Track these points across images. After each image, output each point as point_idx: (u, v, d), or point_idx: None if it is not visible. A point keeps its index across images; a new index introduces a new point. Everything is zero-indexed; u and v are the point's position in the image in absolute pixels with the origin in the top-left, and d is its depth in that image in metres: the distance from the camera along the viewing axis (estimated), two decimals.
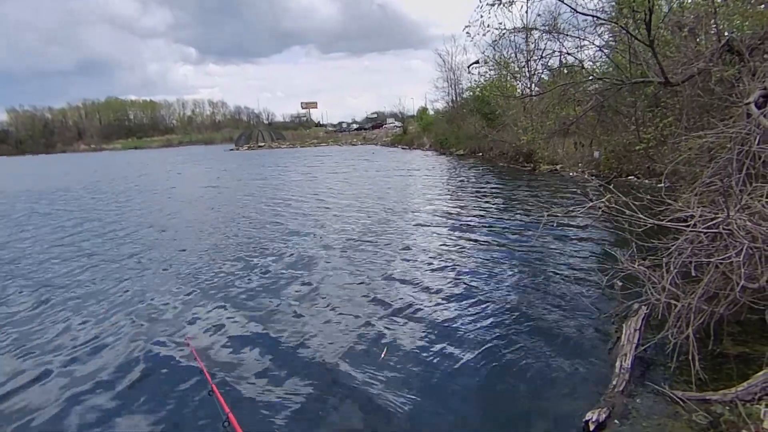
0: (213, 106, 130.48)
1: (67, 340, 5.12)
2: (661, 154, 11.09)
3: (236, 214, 12.63)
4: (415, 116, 57.46)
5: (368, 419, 3.48)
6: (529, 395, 3.64)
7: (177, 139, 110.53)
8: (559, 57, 13.97)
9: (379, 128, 77.35)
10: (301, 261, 7.64)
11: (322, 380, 4.01)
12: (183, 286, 6.69)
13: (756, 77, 6.56)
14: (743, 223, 3.72)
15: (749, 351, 3.77)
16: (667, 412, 3.18)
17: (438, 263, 7.08)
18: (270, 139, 76.54)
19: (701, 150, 6.30)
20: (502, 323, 4.91)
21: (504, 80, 23.36)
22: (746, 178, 4.68)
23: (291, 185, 19.88)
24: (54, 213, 14.65)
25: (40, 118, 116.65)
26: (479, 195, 13.78)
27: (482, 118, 27.25)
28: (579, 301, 5.30)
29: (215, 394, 2.90)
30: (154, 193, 19.25)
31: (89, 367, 4.49)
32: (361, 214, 11.63)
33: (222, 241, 9.48)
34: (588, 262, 6.68)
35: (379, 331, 4.88)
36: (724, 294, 3.66)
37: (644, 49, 10.61)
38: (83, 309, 6.02)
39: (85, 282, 7.18)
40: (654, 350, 3.91)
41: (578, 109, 13.45)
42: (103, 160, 56.81)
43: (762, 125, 4.92)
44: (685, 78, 8.80)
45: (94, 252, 9.07)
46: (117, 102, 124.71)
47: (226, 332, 5.10)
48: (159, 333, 5.17)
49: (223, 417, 2.58)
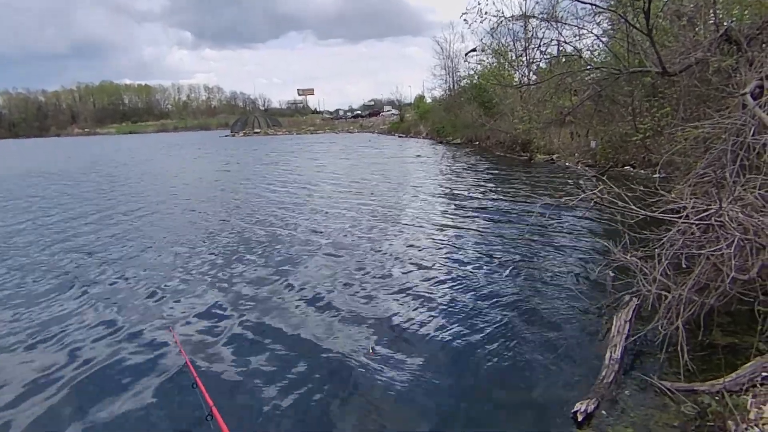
0: (209, 91, 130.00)
1: (44, 330, 4.95)
2: (657, 145, 11.07)
3: (229, 203, 12.54)
4: (413, 104, 57.21)
5: (353, 413, 3.44)
6: (519, 385, 3.65)
7: (172, 124, 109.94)
8: (557, 46, 13.89)
9: (376, 116, 77.01)
10: (293, 250, 7.56)
11: (308, 373, 3.95)
12: (170, 274, 6.58)
13: (753, 67, 6.51)
14: (735, 215, 3.71)
15: (738, 342, 3.79)
16: (656, 402, 3.19)
17: (430, 254, 7.06)
18: (266, 125, 76.16)
19: (697, 141, 6.27)
20: (492, 313, 4.90)
21: (502, 69, 23.23)
22: (740, 170, 4.66)
23: (288, 173, 19.77)
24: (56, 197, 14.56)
25: (33, 101, 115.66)
26: (474, 185, 13.75)
27: (479, 107, 27.13)
28: (570, 291, 5.30)
29: (199, 386, 2.84)
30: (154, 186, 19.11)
31: (67, 358, 4.35)
32: (355, 204, 11.56)
33: (213, 228, 9.37)
34: (580, 253, 6.67)
35: (367, 323, 4.82)
36: (715, 285, 3.66)
37: (642, 39, 10.51)
38: (64, 297, 5.88)
39: (67, 268, 7.06)
40: (644, 341, 3.92)
41: (575, 99, 13.38)
42: (99, 144, 56.23)
43: (757, 116, 4.89)
44: (682, 68, 8.73)
45: (78, 238, 8.98)
46: (111, 86, 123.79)
47: (211, 323, 4.97)
48: (141, 322, 5.03)
49: (206, 410, 2.53)
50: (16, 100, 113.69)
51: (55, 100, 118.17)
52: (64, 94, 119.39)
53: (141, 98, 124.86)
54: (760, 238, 3.52)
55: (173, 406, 3.60)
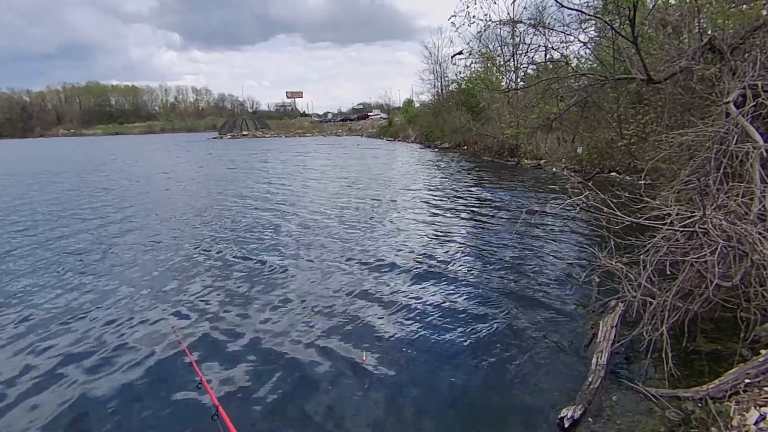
0: (197, 93, 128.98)
1: (47, 331, 4.93)
2: (642, 151, 11.20)
3: (231, 205, 12.41)
4: (401, 108, 57.36)
5: (353, 416, 3.42)
6: (505, 392, 3.63)
7: (159, 126, 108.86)
8: (545, 52, 14.03)
9: (364, 119, 77.18)
10: (295, 252, 7.54)
11: (314, 374, 3.96)
12: (175, 276, 6.54)
13: (736, 76, 6.61)
14: (719, 222, 3.76)
15: (721, 348, 3.82)
16: (641, 408, 3.20)
17: (414, 260, 6.99)
18: (254, 128, 75.80)
19: (681, 148, 6.35)
20: (477, 319, 4.89)
21: (489, 73, 23.40)
22: (723, 177, 4.73)
23: (277, 177, 19.69)
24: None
25: (17, 101, 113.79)
26: (460, 190, 13.77)
27: (467, 112, 27.28)
28: (556, 296, 5.32)
29: (204, 386, 2.88)
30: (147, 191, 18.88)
31: (74, 358, 4.34)
32: (343, 209, 11.52)
33: (217, 231, 9.26)
34: (566, 259, 6.70)
35: (364, 327, 4.81)
36: (699, 292, 3.70)
37: (628, 46, 10.66)
38: (71, 298, 5.84)
39: (76, 267, 7.02)
40: (629, 347, 3.95)
41: (562, 105, 13.52)
42: (86, 146, 55.38)
43: (740, 125, 4.97)
44: (667, 76, 8.86)
45: (84, 239, 8.85)
46: (98, 86, 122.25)
47: (217, 324, 4.97)
48: (147, 323, 5.03)
49: (212, 410, 2.55)
50: (0, 100, 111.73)
51: (41, 100, 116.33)
52: (50, 95, 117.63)
53: (128, 99, 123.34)
54: (743, 245, 3.57)
55: (179, 406, 3.57)
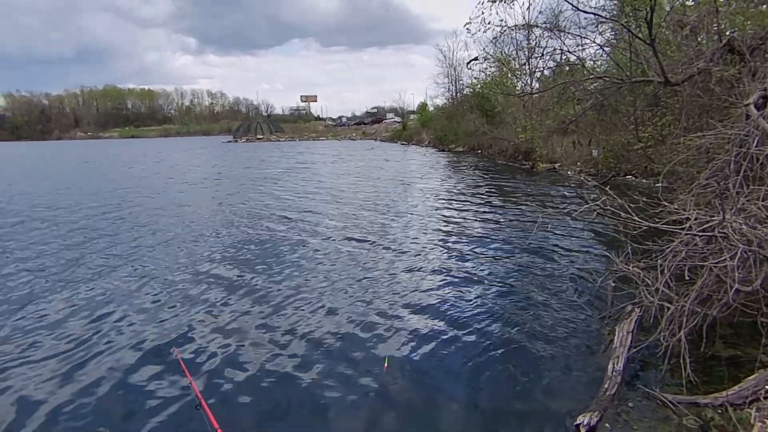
0: (212, 96, 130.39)
1: (46, 346, 4.76)
2: (659, 154, 11.06)
3: (231, 217, 12.26)
4: (415, 112, 57.36)
5: (361, 428, 3.39)
6: (521, 397, 3.61)
7: (175, 129, 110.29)
8: (560, 55, 13.94)
9: (378, 123, 77.24)
10: (297, 265, 7.29)
11: (316, 394, 3.80)
12: (173, 292, 6.26)
13: (756, 78, 6.51)
14: (739, 227, 3.70)
15: (741, 354, 3.76)
16: (658, 415, 3.16)
17: (431, 263, 6.99)
18: (269, 131, 76.41)
19: (699, 151, 6.26)
20: (494, 324, 4.87)
21: (504, 77, 23.31)
22: (743, 181, 4.65)
23: (290, 183, 19.79)
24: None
25: (36, 104, 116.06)
26: (476, 193, 13.72)
27: (482, 115, 27.19)
28: (572, 301, 5.26)
29: (203, 408, 2.80)
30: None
31: (70, 376, 4.19)
32: (357, 212, 11.52)
33: (216, 244, 8.89)
34: (582, 263, 6.63)
35: (374, 341, 4.65)
36: (718, 297, 3.64)
37: (645, 48, 10.57)
38: (66, 313, 5.63)
39: (66, 282, 6.78)
40: (646, 353, 3.88)
41: (578, 108, 13.42)
42: (106, 149, 55.89)
43: (761, 127, 4.88)
44: (685, 78, 8.75)
45: (80, 251, 8.86)
46: (115, 90, 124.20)
47: (216, 343, 4.75)
48: (145, 342, 4.82)
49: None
50: (20, 103, 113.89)
51: (59, 103, 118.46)
52: (68, 98, 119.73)
53: (144, 103, 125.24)
54: (764, 249, 3.51)
55: (177, 428, 3.42)
